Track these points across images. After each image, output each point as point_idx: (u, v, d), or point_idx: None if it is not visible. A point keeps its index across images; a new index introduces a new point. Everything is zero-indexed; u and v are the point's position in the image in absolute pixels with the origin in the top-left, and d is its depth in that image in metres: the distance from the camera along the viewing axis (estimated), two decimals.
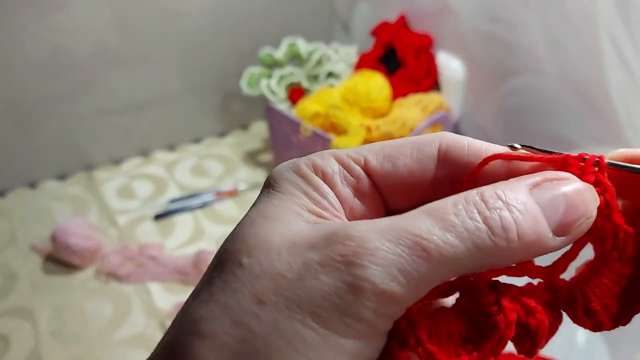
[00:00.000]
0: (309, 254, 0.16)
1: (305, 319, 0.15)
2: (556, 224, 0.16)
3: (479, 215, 0.16)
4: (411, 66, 0.91)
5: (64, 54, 0.95)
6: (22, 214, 0.96)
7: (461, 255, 0.15)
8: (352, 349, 0.15)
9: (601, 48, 0.67)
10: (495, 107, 0.86)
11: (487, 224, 0.16)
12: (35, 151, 1.01)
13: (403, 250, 0.15)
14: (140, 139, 1.11)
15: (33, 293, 0.80)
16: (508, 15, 0.78)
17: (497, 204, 0.16)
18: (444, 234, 0.16)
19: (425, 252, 0.15)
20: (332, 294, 0.15)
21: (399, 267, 0.15)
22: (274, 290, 0.15)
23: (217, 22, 1.07)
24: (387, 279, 0.15)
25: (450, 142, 0.19)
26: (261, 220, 0.17)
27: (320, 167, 0.19)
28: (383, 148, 0.20)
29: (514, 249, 0.16)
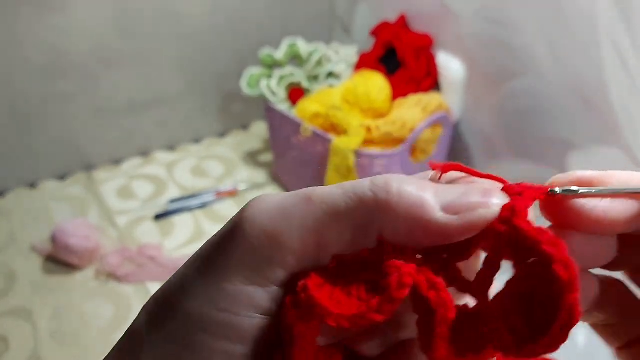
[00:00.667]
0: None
1: (200, 266, 0.16)
2: (445, 202, 0.16)
3: (368, 180, 0.16)
4: (411, 66, 0.90)
5: (63, 55, 0.94)
6: (22, 214, 0.95)
7: (340, 201, 0.15)
8: (238, 294, 0.15)
9: (601, 49, 0.66)
10: (495, 107, 0.85)
11: (370, 181, 0.16)
12: (35, 151, 1.00)
13: (290, 199, 0.16)
14: (140, 139, 1.10)
15: (32, 293, 0.79)
16: (508, 16, 0.77)
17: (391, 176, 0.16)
18: (331, 189, 0.16)
19: (308, 198, 0.16)
20: (220, 238, 0.16)
21: (280, 208, 0.16)
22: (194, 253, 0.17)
23: (217, 22, 1.07)
24: (266, 219, 0.16)
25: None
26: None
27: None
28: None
29: (395, 203, 0.15)
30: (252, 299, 0.16)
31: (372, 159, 0.80)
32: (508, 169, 0.87)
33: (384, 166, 0.81)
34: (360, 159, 0.80)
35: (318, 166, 0.88)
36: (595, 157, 0.72)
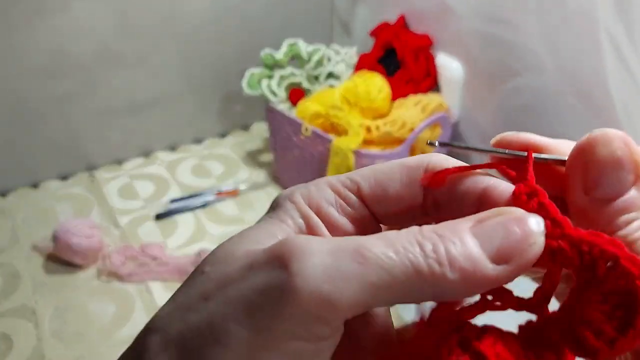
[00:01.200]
0: (257, 257, 0.16)
1: (237, 316, 0.15)
2: (493, 252, 0.16)
3: (416, 243, 0.16)
4: (411, 67, 0.90)
5: (66, 55, 0.94)
6: (25, 213, 0.94)
7: (397, 270, 0.15)
8: (283, 350, 0.15)
9: (600, 48, 0.66)
10: (495, 107, 0.85)
11: (420, 247, 0.15)
12: (38, 151, 0.99)
13: (342, 256, 0.15)
14: (142, 139, 1.10)
15: (35, 293, 0.79)
16: (507, 15, 0.77)
17: (433, 236, 0.16)
18: (384, 248, 0.15)
19: (362, 258, 0.15)
20: (265, 291, 0.15)
21: (334, 268, 0.15)
22: (219, 288, 0.16)
23: (218, 24, 1.06)
24: (319, 279, 0.15)
25: (436, 167, 0.19)
26: (237, 239, 0.18)
27: (315, 198, 0.19)
28: (374, 174, 0.19)
29: (450, 276, 0.15)
30: (297, 354, 0.15)
31: (371, 158, 0.79)
32: None
33: None
34: (360, 159, 0.80)
35: (318, 166, 0.87)
36: None
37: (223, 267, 0.16)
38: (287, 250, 0.15)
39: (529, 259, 0.16)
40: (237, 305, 0.15)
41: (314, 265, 0.15)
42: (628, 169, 0.18)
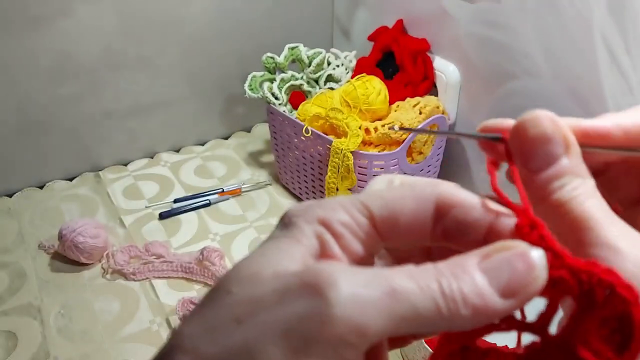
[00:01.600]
0: (290, 281, 0.17)
1: (275, 340, 0.16)
2: (501, 287, 0.17)
3: (435, 281, 0.17)
4: (409, 70, 0.91)
5: (71, 59, 0.95)
6: (31, 213, 0.95)
7: (421, 305, 0.16)
8: None
9: (595, 52, 0.66)
10: (491, 109, 0.86)
11: (438, 285, 0.17)
12: (44, 152, 1.00)
13: (374, 287, 0.16)
14: (146, 140, 1.10)
15: (41, 291, 0.80)
16: (504, 20, 0.77)
17: (448, 274, 0.17)
18: (411, 284, 0.17)
19: (393, 291, 0.16)
20: (302, 319, 0.16)
21: (367, 300, 0.16)
22: (252, 312, 0.16)
23: (221, 28, 1.07)
24: (353, 309, 0.16)
25: (447, 201, 0.20)
26: (258, 258, 0.18)
27: (328, 219, 0.19)
28: (387, 202, 0.20)
29: (463, 312, 0.17)
30: None
31: (370, 159, 0.80)
32: (503, 171, 0.88)
33: (382, 167, 0.81)
34: (359, 160, 0.80)
35: (318, 167, 0.88)
36: None
37: (252, 288, 0.17)
38: (322, 278, 0.16)
39: (533, 292, 0.17)
40: (274, 329, 0.16)
41: (348, 294, 0.16)
42: (556, 142, 0.20)
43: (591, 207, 0.19)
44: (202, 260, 0.80)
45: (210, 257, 0.79)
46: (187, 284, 0.81)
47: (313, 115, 0.85)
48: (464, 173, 0.96)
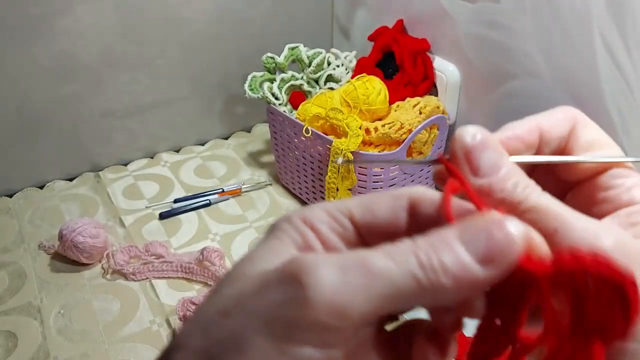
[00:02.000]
0: (270, 275, 0.17)
1: (259, 328, 0.16)
2: (480, 255, 0.17)
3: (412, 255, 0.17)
4: (409, 70, 0.90)
5: (70, 59, 0.94)
6: (31, 213, 0.94)
7: (399, 280, 0.16)
8: (300, 354, 0.16)
9: (594, 52, 0.66)
10: (491, 109, 0.85)
11: (416, 258, 0.17)
12: (43, 152, 1.00)
13: (349, 269, 0.17)
14: (146, 141, 1.10)
15: (41, 291, 0.79)
16: (503, 20, 0.77)
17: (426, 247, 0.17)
18: (386, 261, 0.17)
19: (368, 270, 0.16)
20: (282, 305, 0.16)
21: (343, 281, 0.16)
22: (236, 305, 0.17)
23: (221, 28, 1.06)
24: (330, 291, 0.16)
25: (418, 198, 0.21)
26: (246, 260, 0.19)
27: (309, 218, 0.20)
28: (365, 201, 0.21)
29: (444, 282, 0.17)
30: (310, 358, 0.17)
31: (370, 159, 0.80)
32: None
33: (382, 167, 0.81)
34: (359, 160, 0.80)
35: (318, 167, 0.88)
36: None
37: (238, 285, 0.18)
38: (299, 266, 0.17)
39: (512, 258, 0.17)
40: (258, 318, 0.17)
41: (324, 279, 0.16)
42: (495, 148, 0.21)
43: (549, 200, 0.20)
44: (202, 261, 0.79)
45: (210, 257, 0.79)
46: (187, 284, 0.80)
47: (313, 116, 0.85)
48: None
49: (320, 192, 0.90)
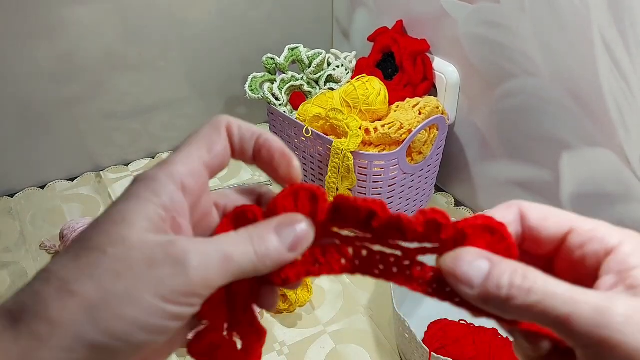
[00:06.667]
0: (155, 252, 0.22)
1: (149, 289, 0.21)
2: (289, 245, 0.25)
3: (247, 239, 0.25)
4: (408, 70, 0.90)
5: (73, 60, 0.94)
6: (32, 213, 0.94)
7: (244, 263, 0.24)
8: (175, 310, 0.22)
9: (594, 51, 0.65)
10: (490, 109, 0.85)
11: (252, 247, 0.24)
12: (45, 152, 0.99)
13: (213, 257, 0.23)
14: (148, 141, 1.10)
15: None
16: (502, 20, 0.76)
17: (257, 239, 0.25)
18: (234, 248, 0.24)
19: (224, 255, 0.23)
20: (169, 278, 0.22)
21: (210, 263, 0.23)
22: (129, 269, 0.21)
23: (222, 29, 1.06)
24: (204, 272, 0.22)
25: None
26: (122, 222, 0.22)
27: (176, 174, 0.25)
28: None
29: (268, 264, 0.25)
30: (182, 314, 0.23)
31: (370, 160, 0.79)
32: (503, 170, 0.87)
33: (382, 167, 0.80)
34: (359, 160, 0.79)
35: (318, 167, 0.87)
36: (588, 158, 0.72)
37: (125, 251, 0.22)
38: (182, 252, 0.22)
39: (306, 246, 0.26)
40: (149, 283, 0.21)
41: (200, 262, 0.22)
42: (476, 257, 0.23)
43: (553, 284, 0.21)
44: None
45: None
46: None
47: (313, 116, 0.84)
48: (463, 173, 0.95)
49: None
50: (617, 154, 0.67)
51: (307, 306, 0.76)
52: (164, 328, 0.22)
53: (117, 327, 0.21)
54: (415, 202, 0.91)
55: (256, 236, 0.25)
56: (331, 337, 0.71)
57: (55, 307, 0.21)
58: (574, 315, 0.20)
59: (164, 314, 0.22)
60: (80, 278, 0.21)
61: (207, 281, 0.23)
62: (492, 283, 0.22)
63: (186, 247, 0.23)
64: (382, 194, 0.83)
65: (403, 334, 0.63)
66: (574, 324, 0.20)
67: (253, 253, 0.24)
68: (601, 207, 0.71)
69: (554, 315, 0.20)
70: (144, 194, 0.23)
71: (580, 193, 0.74)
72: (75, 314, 0.20)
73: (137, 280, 0.21)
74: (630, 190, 0.67)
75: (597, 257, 0.23)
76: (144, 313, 0.21)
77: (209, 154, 0.26)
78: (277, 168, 0.28)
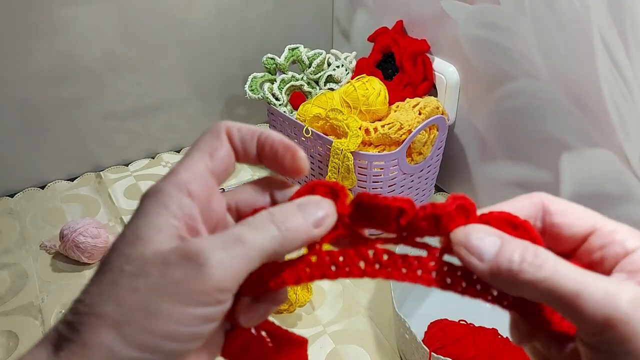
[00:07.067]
0: (168, 255, 0.21)
1: (165, 297, 0.21)
2: (312, 222, 0.24)
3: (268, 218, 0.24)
4: (408, 71, 0.90)
5: (73, 61, 0.94)
6: (32, 214, 0.94)
7: (266, 245, 0.23)
8: (200, 313, 0.21)
9: (594, 53, 0.66)
10: (490, 110, 0.85)
11: (275, 226, 0.23)
12: (45, 153, 0.99)
13: (229, 245, 0.22)
14: (148, 142, 1.10)
15: (42, 291, 0.79)
16: (502, 21, 0.76)
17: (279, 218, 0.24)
18: (252, 231, 0.23)
19: (240, 242, 0.22)
20: (183, 279, 0.21)
21: (229, 255, 0.22)
22: (145, 281, 0.21)
23: (222, 30, 1.06)
24: (222, 265, 0.21)
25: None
26: (136, 241, 0.22)
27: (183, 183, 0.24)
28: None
29: (296, 240, 0.24)
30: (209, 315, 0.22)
31: (370, 160, 0.79)
32: (502, 170, 0.87)
33: (382, 167, 0.80)
34: (359, 160, 0.80)
35: (318, 167, 0.87)
36: (588, 158, 0.72)
37: (140, 265, 0.21)
38: (195, 250, 0.21)
39: (331, 224, 0.25)
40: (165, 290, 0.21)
41: (216, 256, 0.21)
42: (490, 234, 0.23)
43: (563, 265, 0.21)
44: None
45: None
46: None
47: (313, 116, 0.84)
48: (463, 173, 0.95)
49: None
50: (617, 154, 0.67)
51: (307, 306, 0.76)
52: (193, 333, 0.21)
53: (145, 340, 0.21)
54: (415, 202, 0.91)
55: (278, 215, 0.24)
56: (331, 337, 0.71)
57: (87, 331, 0.21)
58: (584, 293, 0.20)
59: (189, 319, 0.21)
60: (103, 300, 0.21)
61: (227, 273, 0.22)
62: (503, 257, 0.22)
63: (198, 244, 0.22)
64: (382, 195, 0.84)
65: (403, 334, 0.63)
66: (582, 302, 0.20)
67: (276, 231, 0.23)
68: (601, 207, 0.71)
69: (563, 291, 0.21)
70: (153, 209, 0.23)
71: (580, 194, 0.74)
72: (105, 334, 0.21)
73: (154, 290, 0.21)
74: (630, 191, 0.68)
75: (616, 260, 0.23)
76: (167, 322, 0.21)
77: (212, 159, 0.26)
78: (282, 162, 0.27)
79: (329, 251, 0.25)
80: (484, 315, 0.62)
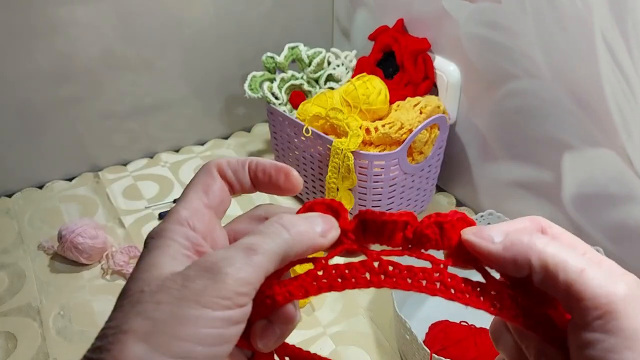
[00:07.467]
0: (187, 271, 0.23)
1: (190, 304, 0.22)
2: (319, 232, 0.26)
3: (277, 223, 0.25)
4: (409, 70, 0.89)
5: (71, 60, 0.94)
6: (30, 214, 0.94)
7: (278, 249, 0.24)
8: (224, 316, 0.22)
9: (596, 52, 0.65)
10: (491, 109, 0.84)
11: (285, 229, 0.25)
12: (43, 153, 0.99)
13: (243, 251, 0.24)
14: (146, 141, 1.09)
15: (40, 292, 0.78)
16: (504, 20, 0.76)
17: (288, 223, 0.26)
18: (263, 239, 0.24)
19: (254, 251, 0.24)
20: (204, 288, 0.22)
21: (242, 262, 0.23)
22: (167, 295, 0.22)
23: (221, 29, 1.06)
24: (237, 270, 0.23)
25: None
26: (151, 268, 0.24)
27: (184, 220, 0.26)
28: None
29: (303, 247, 0.25)
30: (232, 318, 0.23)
31: (370, 159, 0.79)
32: (504, 170, 0.86)
33: (383, 167, 0.80)
34: (359, 160, 0.79)
35: (318, 167, 0.87)
36: (590, 158, 0.71)
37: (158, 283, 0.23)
38: (215, 260, 0.23)
39: (335, 236, 0.26)
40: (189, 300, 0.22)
41: (233, 264, 0.23)
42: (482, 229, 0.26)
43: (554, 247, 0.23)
44: None
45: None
46: None
47: (313, 115, 0.84)
48: (464, 173, 0.95)
49: (320, 191, 0.90)
50: (619, 154, 0.67)
51: (307, 307, 0.76)
52: (220, 335, 0.22)
53: (176, 347, 0.21)
54: (416, 203, 0.91)
55: (287, 221, 0.26)
56: (331, 338, 0.71)
57: (116, 349, 0.22)
58: (588, 271, 0.22)
59: (214, 321, 0.22)
60: (129, 318, 0.22)
61: (244, 277, 0.23)
62: (513, 236, 0.24)
63: (214, 256, 0.23)
64: (383, 194, 0.83)
65: (404, 336, 0.62)
66: (586, 279, 0.22)
67: (287, 234, 0.25)
68: (603, 208, 0.71)
69: (569, 267, 0.22)
70: (162, 242, 0.25)
71: (582, 194, 0.74)
72: (135, 347, 0.21)
73: (178, 301, 0.22)
74: (632, 191, 0.67)
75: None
76: (194, 326, 0.22)
77: (207, 195, 0.28)
78: (277, 183, 0.29)
79: (335, 265, 0.26)
80: (485, 316, 0.61)
